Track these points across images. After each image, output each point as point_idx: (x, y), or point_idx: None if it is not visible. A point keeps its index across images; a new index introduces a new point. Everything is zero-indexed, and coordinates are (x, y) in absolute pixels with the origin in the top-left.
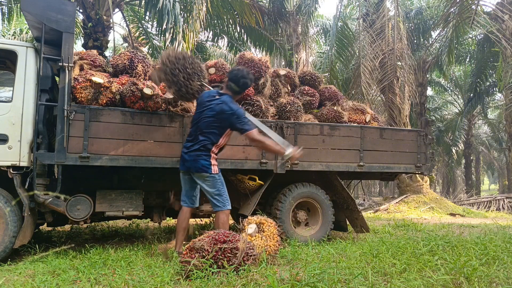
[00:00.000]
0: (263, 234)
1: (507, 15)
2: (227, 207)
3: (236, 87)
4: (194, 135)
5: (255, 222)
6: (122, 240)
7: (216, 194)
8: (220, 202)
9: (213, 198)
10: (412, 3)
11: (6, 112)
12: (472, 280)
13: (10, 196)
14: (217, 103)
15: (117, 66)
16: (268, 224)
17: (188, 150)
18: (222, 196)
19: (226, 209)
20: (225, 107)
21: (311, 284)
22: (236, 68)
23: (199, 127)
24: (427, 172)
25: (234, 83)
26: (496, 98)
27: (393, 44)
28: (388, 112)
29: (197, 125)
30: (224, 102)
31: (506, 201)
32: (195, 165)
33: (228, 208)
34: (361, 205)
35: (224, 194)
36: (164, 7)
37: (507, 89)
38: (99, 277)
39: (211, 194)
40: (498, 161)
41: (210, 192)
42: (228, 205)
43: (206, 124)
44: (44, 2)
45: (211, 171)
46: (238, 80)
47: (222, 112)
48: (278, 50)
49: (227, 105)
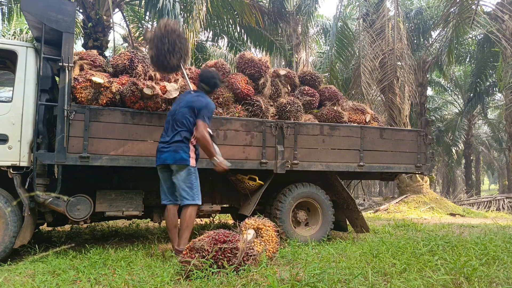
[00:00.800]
0: (262, 239)
1: (507, 15)
2: (196, 201)
3: (207, 87)
4: (170, 128)
5: (252, 227)
6: (122, 240)
7: (188, 187)
8: (189, 195)
9: (183, 191)
10: (412, 3)
11: (6, 112)
12: (472, 280)
13: (10, 196)
14: (192, 95)
15: (117, 66)
16: (266, 228)
17: (164, 145)
18: (193, 189)
19: (195, 202)
20: (201, 98)
21: (311, 284)
22: (206, 70)
23: (175, 118)
24: (427, 172)
25: (205, 84)
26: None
27: (393, 44)
28: (388, 112)
29: (173, 118)
30: (200, 95)
31: (506, 201)
32: (174, 156)
33: (197, 202)
34: (361, 205)
35: (196, 188)
36: (164, 7)
37: (507, 89)
38: (99, 277)
39: (182, 187)
40: (498, 161)
41: (182, 185)
42: (198, 200)
43: (181, 114)
44: (44, 2)
45: (189, 163)
46: (209, 80)
47: (198, 101)
48: (278, 50)
49: (203, 97)
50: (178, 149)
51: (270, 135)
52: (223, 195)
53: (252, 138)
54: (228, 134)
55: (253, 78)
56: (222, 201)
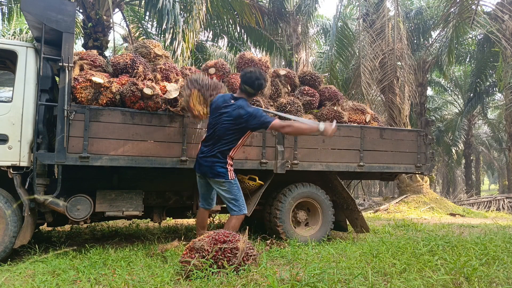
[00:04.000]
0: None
1: (507, 15)
2: (243, 211)
3: (251, 90)
4: (211, 140)
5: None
6: (122, 240)
7: (232, 199)
8: (236, 207)
9: (229, 203)
10: (412, 3)
11: (6, 112)
12: (472, 280)
13: (10, 196)
14: (233, 109)
15: (117, 65)
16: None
17: (203, 155)
18: (238, 201)
19: (241, 213)
20: (242, 112)
21: (311, 284)
22: (248, 70)
23: (216, 133)
24: (427, 172)
25: (249, 86)
26: (496, 98)
27: (393, 44)
28: (388, 112)
29: (214, 131)
30: (240, 107)
31: (506, 201)
32: (211, 171)
33: (243, 213)
34: (361, 205)
35: (240, 199)
36: (164, 7)
37: (507, 89)
38: (99, 277)
39: (228, 199)
40: (498, 161)
41: (227, 197)
42: (244, 210)
43: (223, 130)
44: (44, 2)
45: (228, 178)
46: (253, 82)
47: (240, 117)
48: (278, 50)
49: (243, 110)
50: (214, 165)
51: (270, 135)
52: None
53: (252, 138)
54: None
55: None
56: (222, 201)
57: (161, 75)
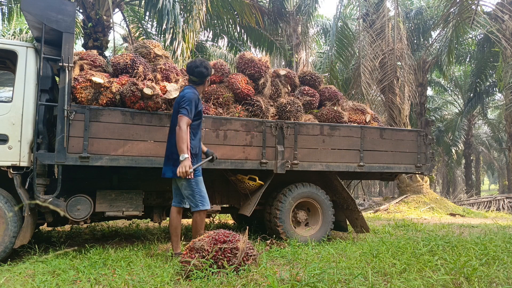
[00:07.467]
0: None
1: (507, 15)
2: (200, 207)
3: (194, 78)
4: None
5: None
6: (122, 240)
7: (190, 195)
8: (193, 203)
9: (187, 199)
10: (412, 3)
11: (6, 112)
12: (472, 280)
13: (10, 196)
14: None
15: (118, 64)
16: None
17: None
18: (195, 196)
19: (199, 209)
20: (180, 94)
21: (311, 284)
22: (191, 60)
23: (171, 125)
24: (427, 172)
25: (190, 75)
26: (496, 98)
27: (393, 44)
28: (388, 112)
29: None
30: (185, 89)
31: (506, 201)
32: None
33: (202, 208)
34: (361, 205)
35: (198, 194)
36: (164, 7)
37: (507, 89)
38: (99, 277)
39: (186, 195)
40: (498, 161)
41: (185, 193)
42: (202, 206)
43: (174, 121)
44: (44, 2)
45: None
46: (193, 70)
47: (179, 97)
48: (278, 50)
49: (182, 92)
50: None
51: (270, 135)
52: (223, 195)
53: (252, 138)
54: (228, 134)
55: (253, 78)
56: (222, 201)
57: (161, 75)
